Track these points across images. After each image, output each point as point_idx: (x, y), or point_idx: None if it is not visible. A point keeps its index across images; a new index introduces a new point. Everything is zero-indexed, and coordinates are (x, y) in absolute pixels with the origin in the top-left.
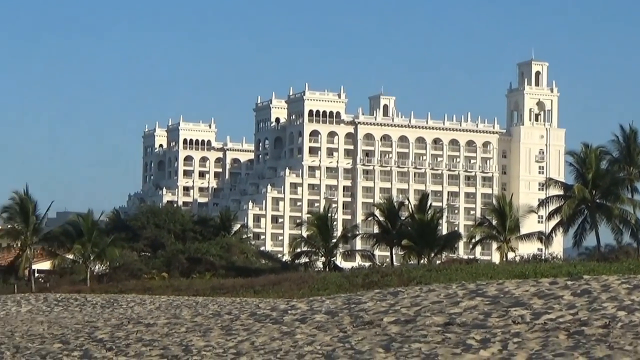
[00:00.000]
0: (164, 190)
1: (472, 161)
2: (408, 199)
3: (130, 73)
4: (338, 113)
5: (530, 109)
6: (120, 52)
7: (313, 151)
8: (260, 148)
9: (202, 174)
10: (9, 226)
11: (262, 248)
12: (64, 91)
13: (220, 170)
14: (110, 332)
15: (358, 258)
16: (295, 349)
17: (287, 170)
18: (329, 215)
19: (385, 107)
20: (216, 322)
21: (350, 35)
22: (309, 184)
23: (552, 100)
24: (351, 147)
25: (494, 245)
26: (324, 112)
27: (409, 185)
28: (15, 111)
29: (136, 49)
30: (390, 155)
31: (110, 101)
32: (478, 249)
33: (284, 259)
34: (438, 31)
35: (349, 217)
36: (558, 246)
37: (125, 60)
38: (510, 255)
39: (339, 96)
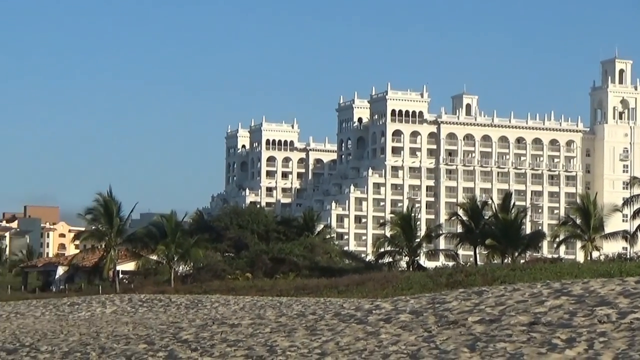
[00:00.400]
0: (247, 191)
1: (556, 160)
2: (491, 199)
3: (213, 74)
4: (421, 112)
5: (614, 107)
6: (202, 53)
7: (396, 151)
8: (343, 148)
9: (285, 175)
10: (93, 227)
11: (346, 248)
12: (147, 92)
13: (303, 170)
14: (195, 332)
15: (442, 257)
16: (380, 349)
17: (370, 171)
18: (412, 215)
19: (468, 106)
20: (300, 323)
21: (432, 35)
22: (391, 184)
23: (636, 98)
24: (434, 146)
25: (578, 244)
26: (407, 111)
27: (492, 184)
28: (98, 113)
29: (218, 49)
30: (474, 155)
31: (193, 103)
32: (562, 248)
33: (367, 259)
34: (520, 30)
35: (432, 216)
36: None
37: (208, 62)
38: (595, 254)
39: (422, 95)
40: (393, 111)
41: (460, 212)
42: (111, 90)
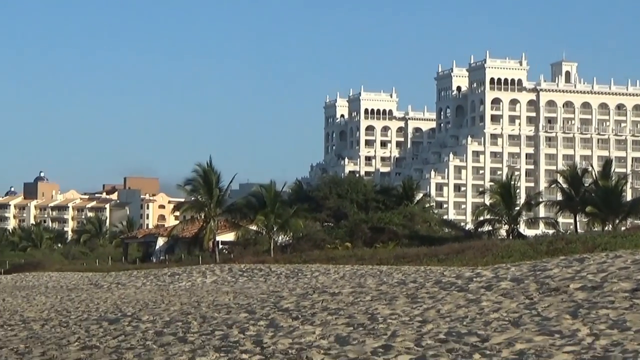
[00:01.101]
0: (346, 160)
1: None
2: (591, 166)
3: (311, 44)
4: (520, 80)
5: None
6: (300, 23)
7: (495, 119)
8: (442, 117)
9: (383, 144)
10: (192, 198)
11: (445, 217)
12: (247, 63)
13: (402, 139)
14: (296, 301)
15: (541, 225)
16: (481, 316)
17: (469, 139)
18: (512, 182)
19: (567, 73)
20: (401, 291)
21: (530, 2)
22: (491, 152)
23: None
24: (533, 114)
25: None
26: (506, 79)
27: (592, 151)
28: (196, 84)
29: (316, 20)
30: (573, 122)
31: (292, 73)
32: None
33: (467, 227)
34: None
35: (531, 184)
36: None
37: (307, 32)
38: None
39: (521, 63)
40: (492, 79)
41: (560, 179)
42: (210, 61)
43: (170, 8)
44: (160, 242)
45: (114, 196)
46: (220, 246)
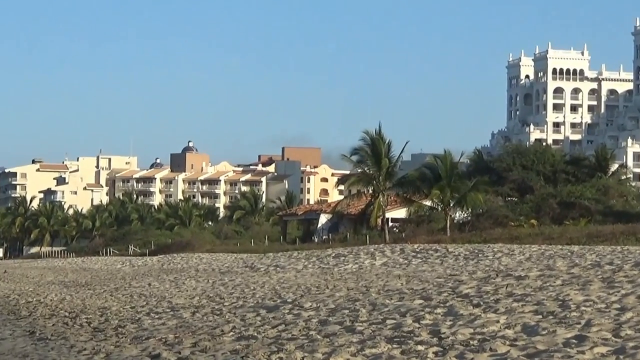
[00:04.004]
0: (531, 126)
1: None
2: None
3: None
4: None
5: None
6: None
7: None
8: None
9: (574, 108)
10: (359, 170)
11: None
12: (419, 17)
13: (594, 103)
14: (477, 286)
15: None
16: None
17: None
18: None
19: None
20: (596, 274)
21: None
22: None
23: None
24: None
25: None
26: None
27: None
28: (359, 44)
29: None
30: None
31: (470, 28)
32: None
33: None
34: None
35: None
36: None
37: None
38: None
39: None
40: None
41: None
42: (379, 20)
43: None
44: (323, 219)
45: (271, 168)
46: (390, 224)
